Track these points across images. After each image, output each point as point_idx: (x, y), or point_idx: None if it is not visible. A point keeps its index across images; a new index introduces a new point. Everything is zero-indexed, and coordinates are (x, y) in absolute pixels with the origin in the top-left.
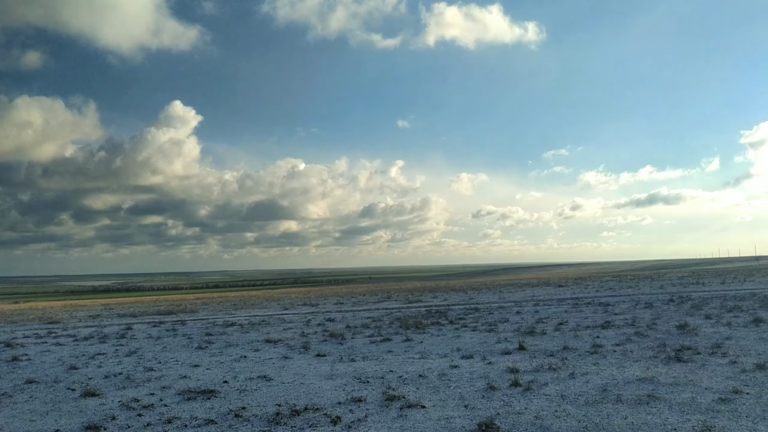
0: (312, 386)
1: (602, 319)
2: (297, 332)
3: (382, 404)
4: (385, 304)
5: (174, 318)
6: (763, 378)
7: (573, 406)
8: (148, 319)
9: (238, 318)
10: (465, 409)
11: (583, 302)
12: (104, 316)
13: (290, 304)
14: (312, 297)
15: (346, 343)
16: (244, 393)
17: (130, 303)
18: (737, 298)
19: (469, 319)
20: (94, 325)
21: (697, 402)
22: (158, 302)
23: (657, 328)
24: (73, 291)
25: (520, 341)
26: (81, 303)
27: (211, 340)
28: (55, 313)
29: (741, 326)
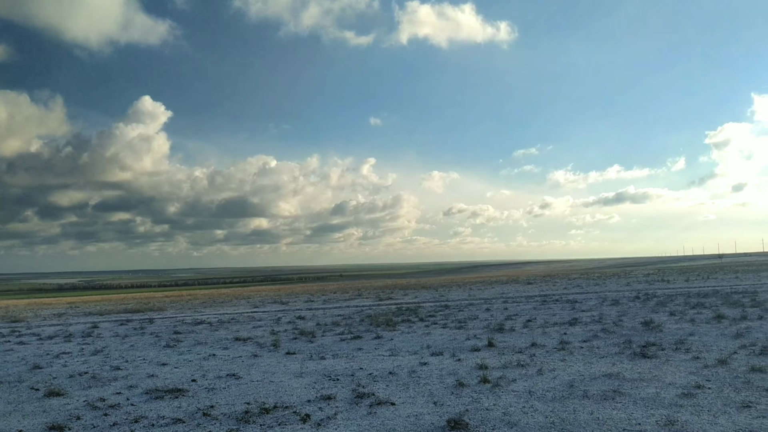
0: (281, 384)
1: (570, 316)
2: (267, 330)
3: (351, 402)
4: (356, 301)
5: (142, 316)
6: (724, 373)
7: (540, 402)
8: (115, 317)
9: (207, 316)
10: (434, 406)
11: (551, 299)
12: (70, 315)
13: (260, 302)
14: (282, 295)
15: (317, 341)
16: (213, 391)
17: (97, 301)
18: (700, 295)
19: (440, 316)
20: (59, 324)
21: (660, 397)
22: (125, 300)
23: (623, 324)
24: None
25: (490, 338)
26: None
27: (179, 339)
28: (18, 312)
29: (704, 323)
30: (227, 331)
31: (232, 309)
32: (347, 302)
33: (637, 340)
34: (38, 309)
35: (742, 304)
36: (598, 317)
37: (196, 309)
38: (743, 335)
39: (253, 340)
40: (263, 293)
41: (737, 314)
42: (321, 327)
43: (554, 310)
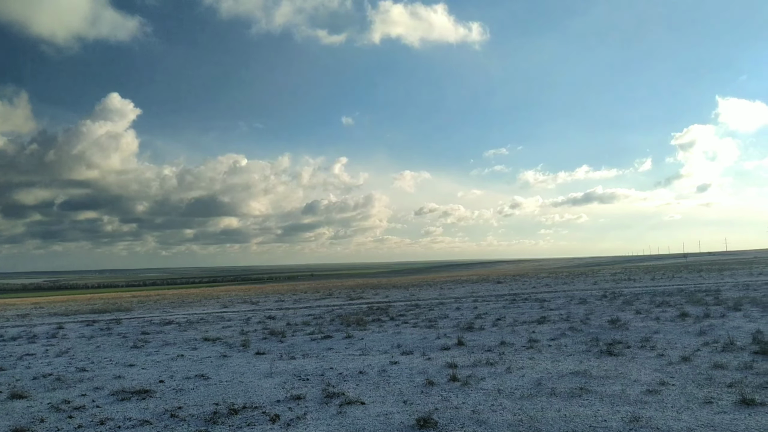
0: (251, 384)
1: (538, 314)
2: (236, 330)
3: (321, 401)
4: (326, 301)
5: (108, 317)
6: (687, 370)
7: (509, 400)
8: (81, 317)
9: (175, 316)
10: (404, 405)
11: (520, 298)
12: (34, 315)
13: (230, 302)
14: (252, 295)
15: (287, 341)
16: (181, 392)
17: (62, 301)
18: (665, 293)
19: (410, 315)
20: (22, 325)
21: (626, 394)
22: (92, 300)
23: (590, 323)
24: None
25: (459, 337)
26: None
27: (147, 339)
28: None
29: (668, 321)
30: (196, 332)
31: (201, 309)
32: (318, 302)
33: (603, 338)
34: (1, 310)
35: (705, 302)
36: (566, 316)
37: (165, 309)
38: (706, 333)
39: (223, 340)
40: (233, 293)
41: (701, 312)
42: (291, 327)
43: (523, 309)
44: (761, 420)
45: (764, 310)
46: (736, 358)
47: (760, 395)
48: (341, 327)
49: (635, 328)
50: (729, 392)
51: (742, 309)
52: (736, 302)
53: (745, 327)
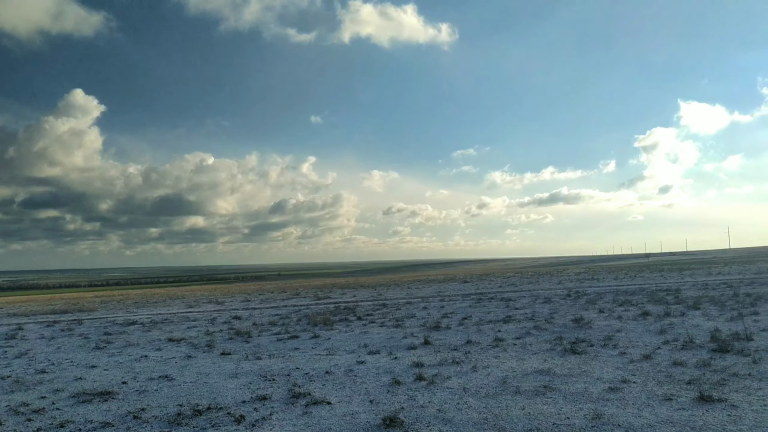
0: (216, 385)
1: (504, 313)
2: (201, 330)
3: (287, 402)
4: (293, 301)
5: (70, 317)
6: (648, 368)
7: (474, 399)
8: (42, 318)
9: (139, 316)
10: (370, 404)
11: (486, 297)
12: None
13: (195, 302)
14: (218, 294)
15: (252, 341)
16: (144, 394)
17: (22, 302)
18: (628, 293)
19: (377, 315)
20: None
21: (589, 392)
22: (53, 301)
23: (554, 321)
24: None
25: (426, 336)
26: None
27: (109, 340)
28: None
29: (630, 319)
30: (160, 332)
31: (166, 309)
32: (285, 302)
33: (567, 336)
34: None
35: (666, 301)
36: (531, 315)
37: (128, 309)
38: (666, 331)
39: (187, 340)
40: (198, 293)
41: (661, 311)
42: (257, 327)
43: (489, 308)
44: (718, 416)
45: (722, 308)
46: (695, 355)
47: (717, 392)
48: (308, 327)
49: (598, 327)
50: (688, 389)
51: (701, 308)
52: (696, 301)
53: (704, 325)
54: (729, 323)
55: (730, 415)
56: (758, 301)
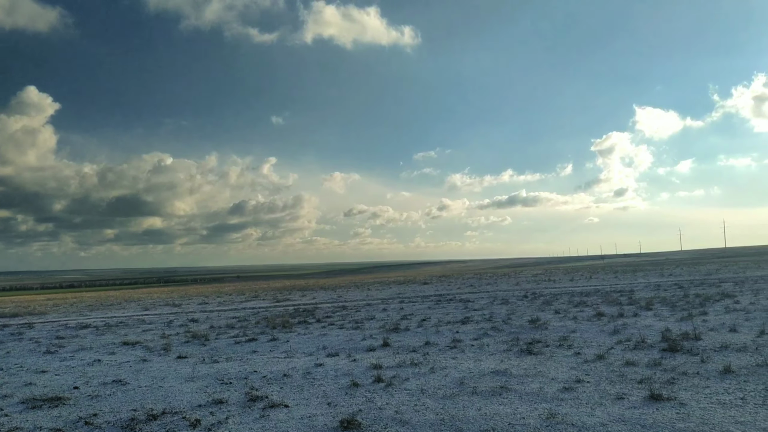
0: (171, 389)
1: (462, 315)
2: (157, 334)
3: (244, 405)
4: (252, 303)
5: (20, 321)
6: (602, 368)
7: (432, 400)
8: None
9: (93, 320)
10: (328, 407)
11: (445, 299)
12: None
13: (151, 305)
14: (175, 297)
15: (210, 344)
16: (97, 399)
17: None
18: (583, 294)
19: (337, 317)
20: None
21: (544, 391)
22: (2, 304)
23: (511, 322)
24: None
25: (385, 338)
26: None
27: (61, 344)
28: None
29: (585, 320)
30: (114, 336)
31: (121, 312)
32: (243, 304)
33: (524, 337)
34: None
35: (620, 302)
36: (488, 316)
37: (82, 312)
38: (620, 331)
39: (142, 344)
40: (155, 295)
41: (615, 312)
42: (215, 330)
43: (448, 310)
44: (667, 414)
45: (673, 309)
46: (647, 355)
47: (666, 390)
48: (266, 329)
49: (554, 328)
50: (639, 388)
51: (653, 308)
52: (648, 302)
53: (656, 326)
54: (679, 323)
55: (678, 413)
56: (707, 301)
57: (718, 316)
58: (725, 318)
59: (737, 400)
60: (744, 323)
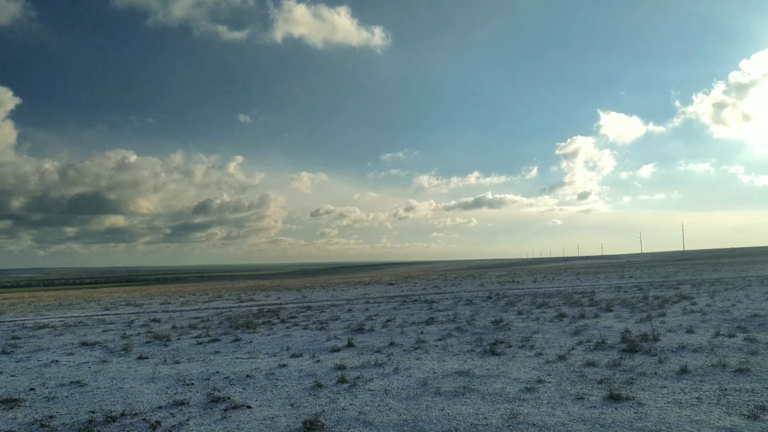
0: (131, 390)
1: (427, 315)
2: (118, 334)
3: (205, 406)
4: (215, 303)
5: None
6: (563, 368)
7: (395, 400)
8: None
9: (51, 320)
10: (291, 408)
11: (410, 300)
12: None
13: (112, 305)
14: (137, 297)
15: (171, 345)
16: (54, 401)
17: None
18: (546, 295)
19: (301, 317)
20: None
21: (506, 392)
22: None
23: (475, 323)
24: None
25: (350, 338)
26: None
27: (17, 344)
28: None
29: (547, 321)
30: (73, 336)
31: (81, 312)
32: (206, 304)
33: (487, 338)
34: None
35: (581, 303)
36: (453, 316)
37: (40, 312)
38: (581, 332)
39: (102, 344)
40: (116, 295)
41: (576, 313)
42: (177, 330)
43: (413, 310)
44: (626, 413)
45: (633, 310)
46: (607, 355)
47: (625, 390)
48: (229, 330)
49: (517, 329)
50: (599, 388)
51: (613, 310)
52: (609, 303)
53: (616, 327)
54: (638, 324)
55: (636, 413)
56: (665, 303)
57: (676, 317)
58: (683, 319)
59: (693, 399)
60: (700, 324)
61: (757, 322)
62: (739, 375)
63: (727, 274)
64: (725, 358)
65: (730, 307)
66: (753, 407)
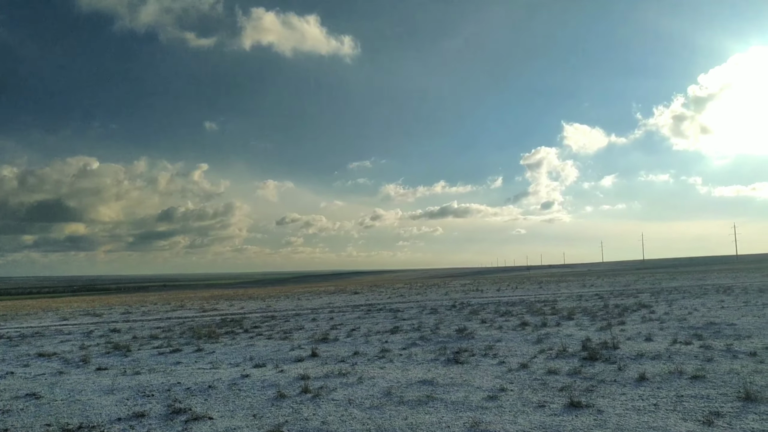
0: (89, 402)
1: (392, 324)
2: (76, 345)
3: (166, 418)
4: (178, 313)
5: None
6: (525, 376)
7: (359, 410)
8: None
9: (6, 330)
10: (253, 419)
11: (375, 308)
12: None
13: (71, 315)
14: (97, 306)
15: (132, 355)
16: (8, 414)
17: None
18: (509, 304)
19: (265, 327)
20: None
21: (469, 400)
22: None
23: (439, 332)
24: None
25: (314, 348)
26: None
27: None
28: None
29: (510, 329)
30: (29, 347)
31: (38, 322)
32: (168, 313)
33: (451, 346)
34: None
35: (543, 312)
36: (417, 325)
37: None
38: (543, 341)
39: (60, 355)
40: (75, 304)
41: (539, 321)
42: (137, 340)
43: (378, 319)
44: (585, 420)
45: (594, 319)
46: (568, 363)
47: (585, 398)
48: (192, 340)
49: (480, 337)
50: (560, 396)
51: (574, 318)
52: (570, 312)
53: (577, 335)
54: (599, 333)
55: (596, 420)
56: (625, 311)
57: (635, 325)
58: (642, 327)
59: (650, 406)
60: (659, 332)
61: (713, 330)
62: (695, 382)
63: (684, 283)
64: (682, 365)
65: (687, 315)
66: (708, 413)
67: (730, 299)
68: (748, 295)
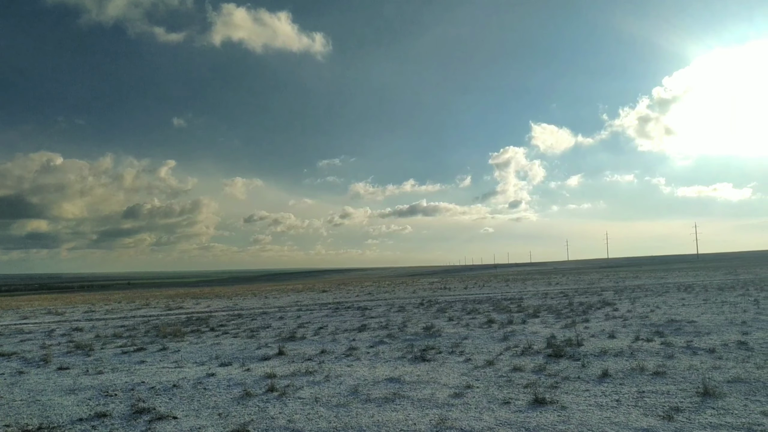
0: (50, 403)
1: (359, 322)
2: (37, 344)
3: (129, 418)
4: (142, 311)
5: None
6: (491, 373)
7: (325, 408)
8: None
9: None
10: (219, 418)
11: (343, 307)
12: None
13: (31, 313)
14: (59, 305)
15: (94, 355)
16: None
17: None
18: (476, 301)
19: (231, 325)
20: None
21: (435, 397)
22: None
23: (407, 330)
24: None
25: (281, 346)
26: None
27: None
28: None
29: (477, 327)
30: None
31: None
32: (133, 312)
33: (418, 344)
34: None
35: (509, 309)
36: (385, 323)
37: None
38: (509, 338)
39: (19, 355)
40: (36, 303)
41: (505, 319)
42: (100, 339)
43: (345, 317)
44: (549, 417)
45: (558, 316)
46: (533, 360)
47: (550, 394)
48: (156, 339)
49: (447, 335)
50: (525, 392)
51: (540, 316)
52: (536, 309)
53: (542, 332)
54: (563, 330)
55: (560, 416)
56: (589, 309)
57: (599, 323)
58: (605, 325)
59: (613, 402)
60: (621, 330)
61: (674, 327)
62: (656, 378)
63: (647, 281)
64: (644, 362)
65: (649, 312)
66: (668, 408)
67: (690, 297)
68: (707, 293)
